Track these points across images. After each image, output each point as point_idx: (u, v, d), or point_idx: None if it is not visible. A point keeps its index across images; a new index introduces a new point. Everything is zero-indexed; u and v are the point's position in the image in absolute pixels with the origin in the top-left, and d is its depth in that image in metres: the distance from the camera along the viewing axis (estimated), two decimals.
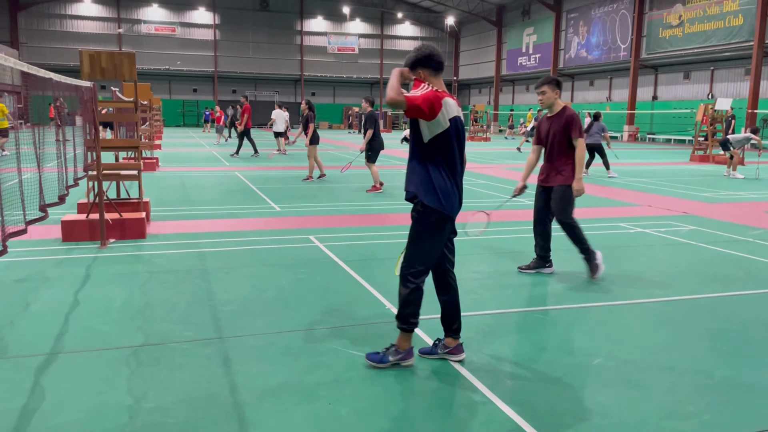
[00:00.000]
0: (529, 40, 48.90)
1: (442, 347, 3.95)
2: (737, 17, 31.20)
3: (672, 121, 36.50)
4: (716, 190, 12.94)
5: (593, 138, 15.49)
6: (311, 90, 57.90)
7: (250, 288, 5.44)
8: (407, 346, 3.82)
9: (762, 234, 8.17)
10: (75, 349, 4.00)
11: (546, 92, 5.71)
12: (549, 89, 5.69)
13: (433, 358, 3.95)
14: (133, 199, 8.57)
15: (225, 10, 54.21)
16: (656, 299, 5.31)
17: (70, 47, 49.31)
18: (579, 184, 5.77)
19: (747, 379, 3.70)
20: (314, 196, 11.39)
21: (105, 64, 7.21)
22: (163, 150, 23.02)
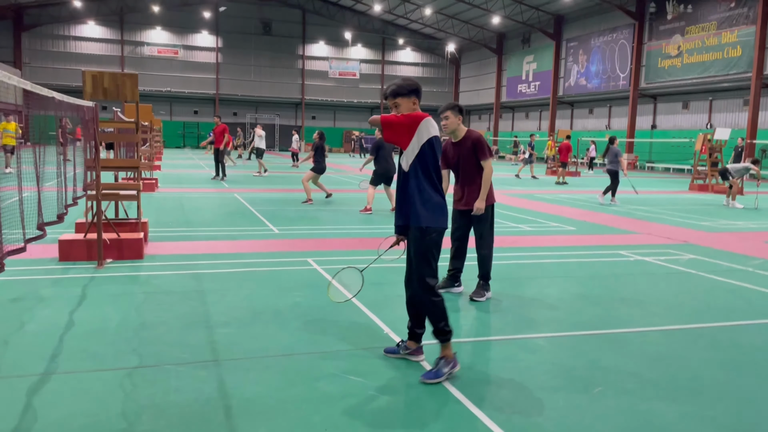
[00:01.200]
0: (529, 68, 49.38)
1: (404, 348, 4.31)
2: (735, 49, 31.56)
3: (671, 150, 36.68)
4: (716, 220, 12.95)
5: (611, 164, 15.57)
6: (312, 114, 58.30)
7: (246, 310, 5.39)
8: (452, 353, 4.04)
9: (762, 264, 8.15)
10: (69, 370, 3.95)
11: (449, 117, 5.66)
12: (452, 114, 5.65)
13: (395, 357, 4.31)
14: (131, 219, 8.55)
15: (228, 34, 54.82)
16: (657, 328, 5.27)
17: (72, 68, 49.72)
18: (480, 203, 5.84)
19: (749, 412, 3.65)
20: (313, 219, 11.37)
21: (107, 85, 7.25)
22: (162, 171, 23.06)
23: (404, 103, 4.08)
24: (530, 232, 10.48)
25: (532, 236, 10.10)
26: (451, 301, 5.87)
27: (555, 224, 11.46)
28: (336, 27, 56.64)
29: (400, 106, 4.08)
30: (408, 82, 4.13)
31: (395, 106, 4.09)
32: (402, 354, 4.30)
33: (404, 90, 4.07)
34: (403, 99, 4.08)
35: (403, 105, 4.09)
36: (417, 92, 4.13)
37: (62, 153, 6.59)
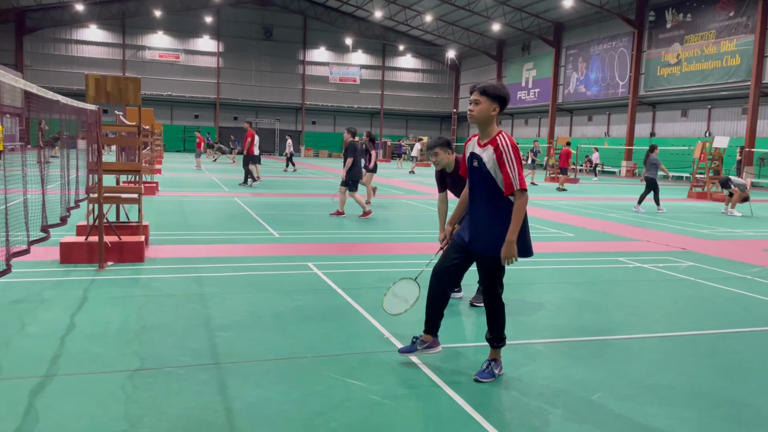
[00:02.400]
0: (529, 75, 49.52)
1: (420, 343, 4.33)
2: (734, 57, 31.68)
3: (670, 157, 36.73)
4: (714, 227, 12.99)
5: (649, 172, 15.63)
6: (312, 119, 58.41)
7: (247, 314, 5.41)
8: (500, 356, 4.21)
9: (760, 272, 8.18)
10: (70, 372, 3.97)
11: (439, 154, 5.65)
12: (441, 151, 5.64)
13: (412, 355, 4.34)
14: (132, 222, 8.57)
15: (229, 39, 54.95)
16: (655, 334, 5.29)
17: (74, 71, 49.82)
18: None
19: (747, 417, 3.67)
20: (313, 224, 11.39)
21: (110, 89, 7.29)
22: (163, 174, 23.09)
23: (484, 102, 3.97)
24: None
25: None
26: (452, 306, 5.89)
27: (554, 230, 11.49)
28: (337, 33, 56.80)
29: (480, 104, 3.97)
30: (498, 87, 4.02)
31: (475, 103, 3.99)
32: (420, 350, 4.31)
33: (491, 92, 3.97)
34: (486, 99, 3.97)
35: (484, 104, 3.96)
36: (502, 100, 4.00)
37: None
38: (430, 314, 4.32)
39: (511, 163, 3.87)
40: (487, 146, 3.98)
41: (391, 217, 12.94)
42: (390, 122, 61.40)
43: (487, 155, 3.97)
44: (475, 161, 4.05)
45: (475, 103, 3.99)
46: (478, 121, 4.01)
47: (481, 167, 3.99)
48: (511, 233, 3.85)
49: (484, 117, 3.98)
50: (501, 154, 3.89)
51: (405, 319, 5.45)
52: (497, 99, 3.97)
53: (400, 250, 9.06)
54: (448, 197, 6.05)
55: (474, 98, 4.00)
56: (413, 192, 19.81)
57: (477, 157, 4.04)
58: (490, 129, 4.02)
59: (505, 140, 3.93)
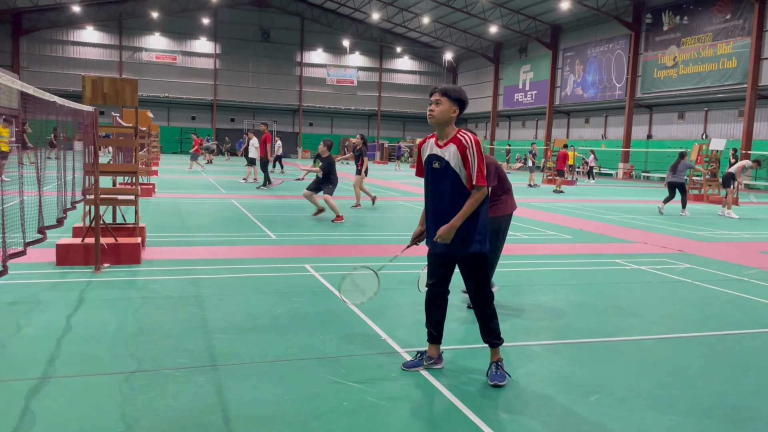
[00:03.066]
0: (526, 77, 49.58)
1: (427, 359, 4.28)
2: (731, 60, 31.77)
3: (667, 159, 36.77)
4: (711, 229, 13.01)
5: (678, 176, 15.96)
6: (309, 120, 58.40)
7: (244, 316, 5.39)
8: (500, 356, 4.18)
9: (757, 274, 8.19)
10: (67, 374, 3.95)
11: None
12: None
13: (417, 370, 4.22)
14: (129, 224, 8.55)
15: (226, 40, 54.91)
16: (653, 336, 5.29)
17: (70, 73, 49.73)
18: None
19: (745, 420, 3.67)
20: (310, 225, 11.39)
21: (107, 90, 7.28)
22: (159, 176, 23.06)
23: (445, 103, 4.04)
24: (527, 240, 10.51)
25: (528, 244, 10.12)
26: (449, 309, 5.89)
27: (551, 233, 11.49)
28: (334, 35, 56.81)
29: (440, 104, 4.04)
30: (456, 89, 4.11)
31: (436, 103, 4.05)
32: (426, 365, 4.26)
33: (452, 93, 4.05)
34: (446, 100, 4.04)
35: (444, 105, 4.05)
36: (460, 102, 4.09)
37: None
38: (433, 326, 4.30)
39: (473, 158, 3.95)
40: (449, 145, 4.04)
41: (388, 219, 12.94)
42: (387, 124, 61.41)
43: (449, 153, 4.01)
44: (436, 162, 4.08)
45: (436, 103, 4.04)
46: (438, 121, 4.06)
47: (444, 167, 4.03)
48: (456, 219, 3.94)
49: (444, 118, 4.04)
50: (465, 150, 3.97)
51: (401, 320, 5.45)
52: (457, 101, 4.04)
53: (396, 251, 9.04)
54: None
55: (435, 98, 4.04)
56: (410, 194, 19.81)
57: (437, 158, 4.07)
58: (448, 129, 4.08)
59: (467, 137, 4.02)
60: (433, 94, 4.06)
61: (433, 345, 4.31)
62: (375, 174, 32.49)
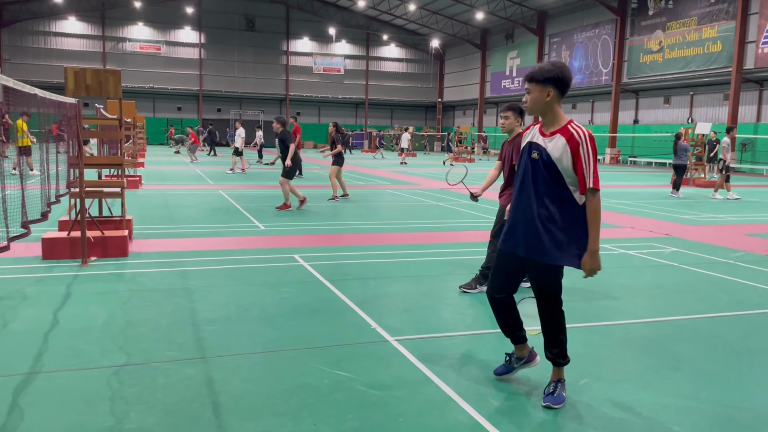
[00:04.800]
0: (513, 64, 49.55)
1: (516, 360, 3.93)
2: (716, 44, 31.91)
3: (653, 144, 37.04)
4: (697, 213, 13.11)
5: (679, 158, 16.29)
6: (296, 110, 58.09)
7: (233, 307, 5.38)
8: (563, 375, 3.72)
9: (743, 256, 8.27)
10: (55, 369, 3.92)
11: (509, 117, 5.87)
12: (512, 115, 5.87)
13: (511, 375, 3.96)
14: (115, 216, 8.48)
15: (211, 30, 54.40)
16: (641, 320, 5.34)
17: (53, 64, 49.09)
18: None
19: (732, 401, 3.72)
20: (298, 215, 11.35)
21: (90, 81, 7.18)
22: (146, 168, 22.89)
23: (534, 90, 3.53)
24: None
25: None
26: (441, 294, 5.91)
27: None
28: (320, 23, 56.42)
29: (530, 92, 3.54)
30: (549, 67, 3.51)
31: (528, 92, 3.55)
32: (518, 367, 3.92)
33: (539, 76, 3.49)
34: (536, 86, 3.51)
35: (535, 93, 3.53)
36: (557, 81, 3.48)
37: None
38: (510, 329, 3.84)
39: (586, 157, 3.36)
40: (555, 135, 3.45)
41: (377, 208, 12.93)
42: (375, 112, 61.24)
43: (553, 145, 3.44)
44: (535, 152, 3.50)
45: (527, 92, 3.53)
46: (534, 111, 3.55)
47: (543, 159, 3.45)
48: (593, 242, 3.38)
49: (539, 106, 3.49)
50: (578, 146, 3.37)
51: (391, 309, 5.45)
52: (550, 81, 3.43)
53: (386, 240, 9.05)
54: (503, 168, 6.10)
55: (526, 88, 3.56)
56: (399, 182, 19.80)
57: (538, 147, 3.49)
58: (552, 117, 3.50)
59: (581, 131, 3.41)
60: (523, 82, 3.60)
61: (519, 345, 3.89)
62: (363, 163, 32.43)
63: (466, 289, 6.08)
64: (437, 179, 21.26)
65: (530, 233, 3.49)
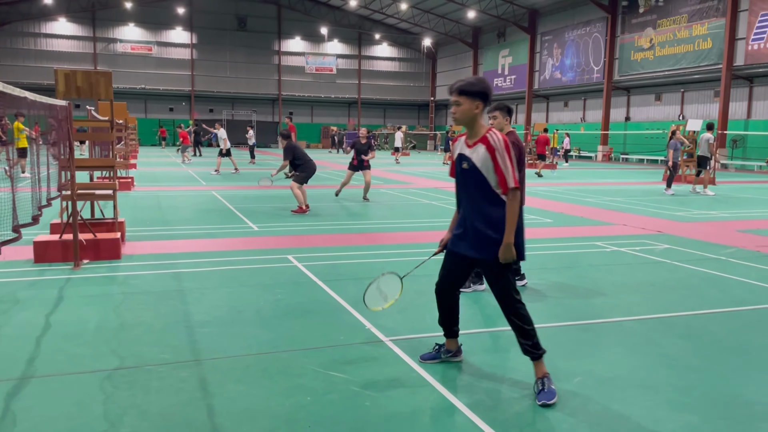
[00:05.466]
0: (505, 62, 49.66)
1: (445, 351, 4.21)
2: (706, 41, 32.06)
3: (644, 141, 37.20)
4: (689, 209, 13.18)
5: (675, 156, 16.56)
6: (289, 109, 58.02)
7: (227, 309, 5.37)
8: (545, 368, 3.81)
9: (734, 252, 8.32)
10: (47, 374, 3.91)
11: (497, 117, 5.84)
12: (500, 115, 5.84)
13: (436, 362, 4.18)
14: (107, 219, 8.45)
15: (202, 30, 54.25)
16: (634, 317, 5.36)
17: (44, 66, 48.84)
18: None
19: (724, 397, 3.74)
20: (292, 216, 11.34)
21: (81, 83, 7.14)
22: (138, 169, 22.80)
23: (465, 102, 3.76)
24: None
25: None
26: (429, 295, 5.91)
27: (533, 216, 11.56)
28: (312, 22, 56.36)
29: (460, 104, 3.77)
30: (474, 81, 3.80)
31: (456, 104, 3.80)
32: (444, 358, 4.20)
33: (470, 89, 3.76)
34: (466, 99, 3.76)
35: (465, 105, 3.77)
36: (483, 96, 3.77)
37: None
38: (446, 322, 4.16)
39: (504, 160, 3.67)
40: (478, 144, 3.75)
41: (371, 208, 12.92)
42: (368, 111, 61.23)
43: (477, 154, 3.74)
44: (465, 163, 3.80)
45: (456, 104, 3.77)
46: (462, 122, 3.80)
47: (471, 167, 3.75)
48: (507, 235, 3.68)
49: (467, 117, 3.77)
50: (494, 151, 3.68)
51: (386, 310, 5.45)
52: (478, 95, 3.73)
53: (380, 240, 9.06)
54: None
55: (453, 99, 3.78)
56: (393, 182, 19.80)
57: (466, 158, 3.80)
58: (476, 128, 3.79)
59: (497, 137, 3.70)
60: (451, 94, 3.80)
61: (450, 339, 4.21)
62: None
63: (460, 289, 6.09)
64: (430, 178, 21.28)
65: (475, 236, 3.80)
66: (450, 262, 4.02)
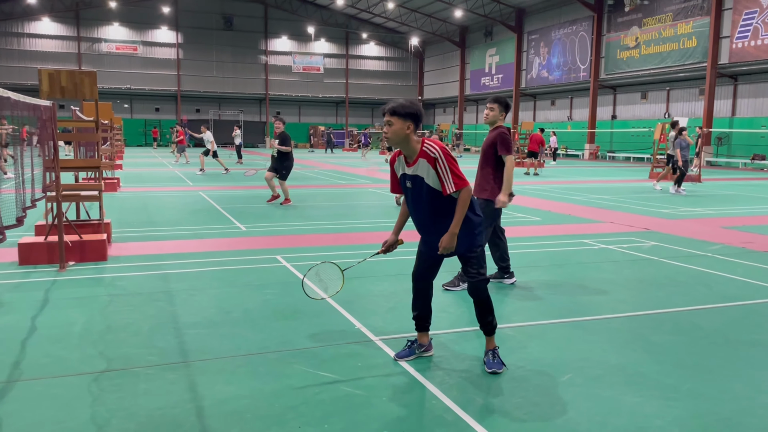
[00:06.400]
0: (492, 61, 49.79)
1: (418, 347, 4.25)
2: (691, 39, 32.33)
3: (631, 139, 37.45)
4: (675, 207, 13.28)
5: (683, 154, 16.18)
6: (276, 109, 57.82)
7: (215, 310, 5.33)
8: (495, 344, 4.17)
9: (720, 249, 8.39)
10: (34, 377, 3.86)
11: (494, 109, 5.99)
12: (497, 108, 5.98)
13: (411, 359, 4.20)
14: (93, 220, 8.37)
15: (188, 29, 53.92)
16: (623, 314, 5.38)
17: (27, 66, 48.34)
18: (503, 196, 5.96)
19: (712, 392, 3.77)
20: (280, 216, 11.30)
21: (65, 83, 7.07)
22: (124, 170, 22.63)
23: (396, 123, 3.87)
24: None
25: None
26: None
27: (520, 215, 11.60)
28: (299, 21, 56.19)
29: (392, 125, 3.87)
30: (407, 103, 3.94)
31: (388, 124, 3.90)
32: (418, 354, 4.25)
33: (401, 111, 3.87)
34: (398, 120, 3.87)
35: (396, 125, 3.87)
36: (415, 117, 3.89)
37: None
38: (420, 311, 4.28)
39: (444, 167, 3.80)
40: (418, 161, 3.87)
41: (359, 207, 12.90)
42: (356, 111, 61.17)
43: (420, 169, 3.87)
44: (409, 182, 3.96)
45: (388, 124, 3.86)
46: (395, 142, 3.89)
47: (419, 184, 3.90)
48: (454, 225, 3.86)
49: (399, 138, 3.86)
50: (435, 161, 3.81)
51: (375, 308, 5.45)
52: (409, 116, 3.84)
53: (368, 239, 9.04)
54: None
55: (386, 120, 3.88)
56: (381, 181, 19.79)
57: (409, 177, 3.94)
58: (410, 147, 3.89)
59: (433, 147, 3.83)
60: (384, 115, 3.91)
61: (422, 333, 4.31)
62: (345, 162, 32.40)
63: (449, 287, 6.10)
64: None
65: (438, 238, 3.97)
66: (423, 262, 4.26)
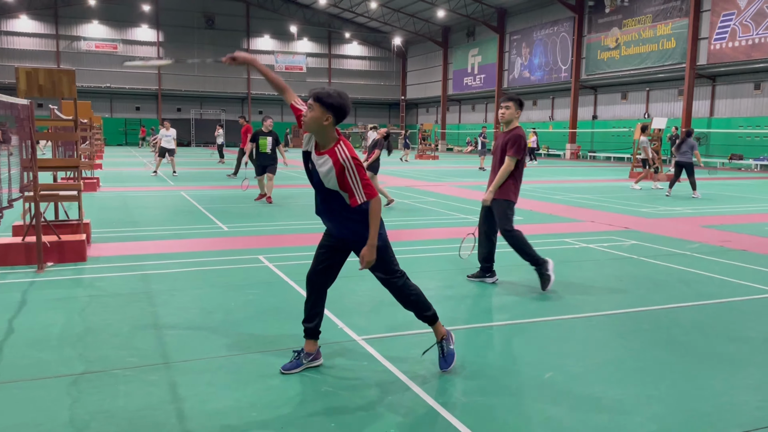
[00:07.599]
0: (474, 61, 49.98)
1: (305, 356, 4.02)
2: (670, 40, 32.72)
3: (611, 139, 37.81)
4: (655, 206, 13.43)
5: (684, 156, 15.54)
6: (258, 108, 57.56)
7: (197, 311, 5.29)
8: (444, 330, 4.08)
9: (699, 247, 8.50)
10: (11, 380, 3.80)
11: (510, 108, 6.02)
12: (513, 106, 6.02)
13: (299, 370, 3.96)
14: (72, 220, 8.26)
15: (169, 28, 53.45)
16: (603, 312, 5.43)
17: (5, 64, 47.59)
18: (488, 195, 6.17)
19: (691, 389, 3.81)
20: (262, 216, 11.25)
21: (43, 82, 6.98)
22: (104, 170, 22.38)
23: (316, 110, 3.64)
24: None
25: None
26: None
27: None
28: (281, 20, 55.95)
29: (312, 109, 3.65)
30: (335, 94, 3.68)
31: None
32: (306, 364, 3.98)
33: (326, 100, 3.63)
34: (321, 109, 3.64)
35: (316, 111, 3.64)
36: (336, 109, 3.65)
37: None
38: (311, 317, 4.04)
39: (354, 179, 3.59)
40: (324, 156, 3.64)
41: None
42: None
43: (322, 164, 3.65)
44: (310, 164, 3.74)
45: (309, 108, 3.63)
46: (310, 129, 3.66)
47: (315, 173, 3.71)
48: (371, 237, 3.70)
49: (315, 126, 3.62)
50: (343, 169, 3.59)
51: (358, 308, 5.44)
52: (331, 108, 3.59)
53: None
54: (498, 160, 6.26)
55: (308, 104, 3.64)
56: None
57: (312, 162, 3.73)
58: (325, 138, 3.66)
59: (344, 153, 3.60)
60: (308, 99, 3.68)
61: (310, 340, 4.06)
62: None
63: (472, 278, 6.47)
64: (401, 177, 21.31)
65: (337, 227, 3.91)
66: (322, 254, 4.08)
